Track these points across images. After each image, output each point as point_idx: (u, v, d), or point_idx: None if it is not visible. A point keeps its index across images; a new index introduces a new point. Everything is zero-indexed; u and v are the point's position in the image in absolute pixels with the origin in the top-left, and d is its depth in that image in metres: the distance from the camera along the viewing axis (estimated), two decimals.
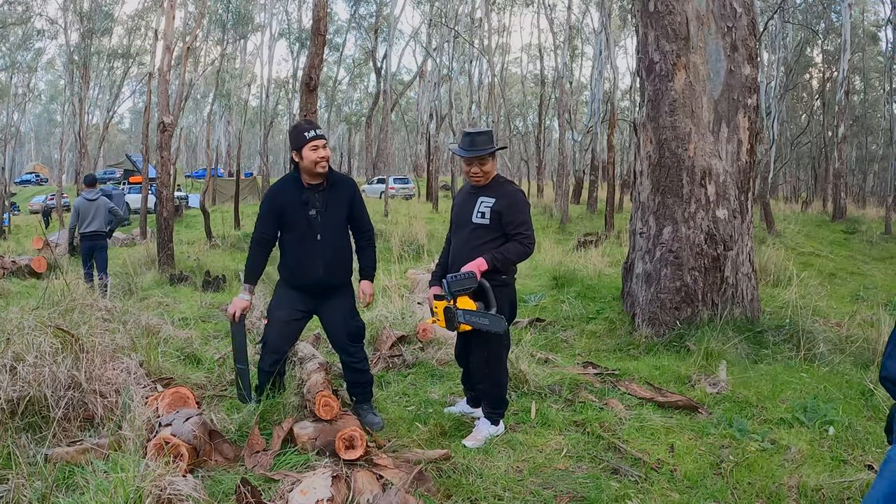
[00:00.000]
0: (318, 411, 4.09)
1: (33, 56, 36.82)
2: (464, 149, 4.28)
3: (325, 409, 4.11)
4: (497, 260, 4.08)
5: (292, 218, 4.37)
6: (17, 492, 3.05)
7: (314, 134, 4.22)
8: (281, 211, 4.38)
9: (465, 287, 3.97)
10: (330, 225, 4.40)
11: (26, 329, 4.58)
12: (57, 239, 18.19)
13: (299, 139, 4.24)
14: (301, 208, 4.33)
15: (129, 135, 71.75)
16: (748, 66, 6.78)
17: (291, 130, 4.38)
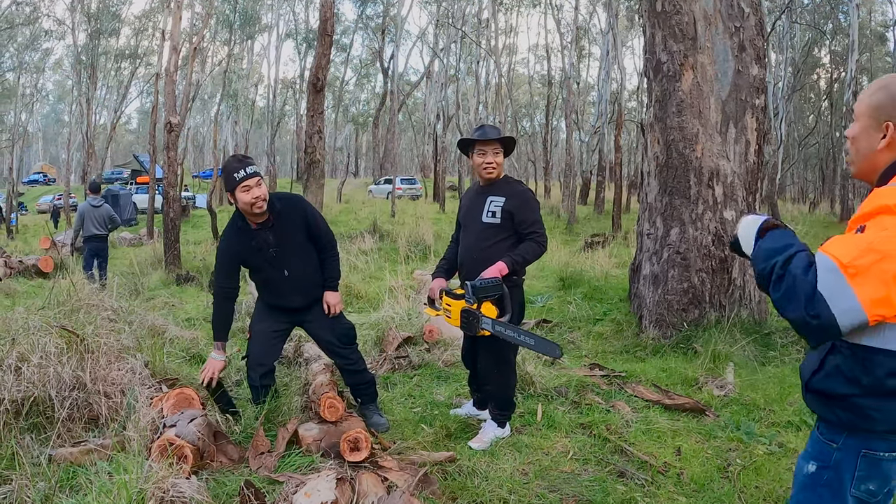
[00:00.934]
0: (322, 413, 4.07)
1: (41, 56, 37.02)
2: (479, 135, 4.29)
3: (330, 410, 4.09)
4: (517, 262, 4.06)
5: (253, 263, 4.32)
6: (21, 492, 3.05)
7: (244, 174, 3.99)
8: (240, 260, 4.31)
9: (492, 294, 3.92)
10: (291, 256, 4.31)
11: (31, 329, 4.58)
12: (64, 239, 18.23)
13: (229, 181, 4.01)
14: (257, 253, 4.23)
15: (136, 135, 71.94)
16: (756, 66, 6.74)
17: (222, 170, 4.20)
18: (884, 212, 1.71)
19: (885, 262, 1.62)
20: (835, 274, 1.64)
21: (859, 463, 1.86)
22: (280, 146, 63.65)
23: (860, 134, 1.95)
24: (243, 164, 4.02)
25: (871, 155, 1.92)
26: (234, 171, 3.98)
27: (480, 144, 4.25)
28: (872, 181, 1.95)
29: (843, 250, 1.65)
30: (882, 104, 1.88)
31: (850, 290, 1.62)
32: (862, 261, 1.63)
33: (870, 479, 1.87)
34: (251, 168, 4.02)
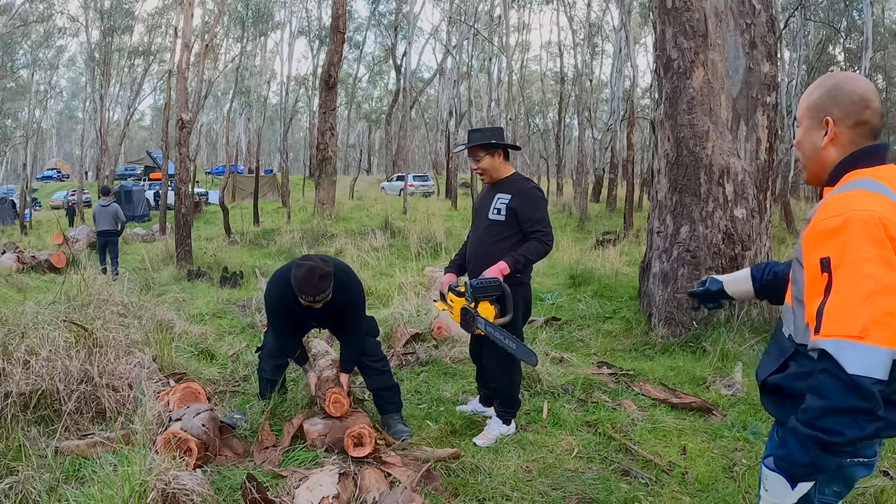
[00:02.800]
0: (327, 408, 4.07)
1: (55, 53, 37.22)
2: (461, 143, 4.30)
3: (335, 405, 4.09)
4: (518, 262, 4.04)
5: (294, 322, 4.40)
6: (27, 483, 3.07)
7: (309, 300, 3.94)
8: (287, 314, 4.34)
9: (490, 294, 3.91)
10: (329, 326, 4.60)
11: (41, 323, 4.62)
12: (76, 235, 18.35)
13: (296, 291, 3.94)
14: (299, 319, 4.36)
15: (149, 131, 72.30)
16: (767, 63, 6.70)
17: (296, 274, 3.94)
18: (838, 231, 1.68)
19: (879, 300, 1.60)
20: (857, 348, 1.60)
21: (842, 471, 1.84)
22: (293, 143, 63.79)
23: (804, 137, 1.97)
24: (317, 290, 3.89)
25: (818, 154, 1.93)
26: (303, 292, 3.90)
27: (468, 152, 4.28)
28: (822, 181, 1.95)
29: (844, 324, 1.62)
30: (819, 101, 1.90)
31: (876, 348, 1.60)
32: (864, 319, 1.60)
33: (834, 482, 1.86)
34: (321, 296, 3.93)
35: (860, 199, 1.71)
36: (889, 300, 1.60)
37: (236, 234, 18.96)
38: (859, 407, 1.59)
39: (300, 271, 3.89)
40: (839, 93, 1.88)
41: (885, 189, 1.75)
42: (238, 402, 4.84)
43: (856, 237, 1.65)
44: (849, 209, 1.69)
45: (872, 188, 1.75)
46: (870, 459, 1.85)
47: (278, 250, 15.67)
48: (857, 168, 1.84)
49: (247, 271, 12.19)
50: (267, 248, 16.66)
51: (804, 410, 1.68)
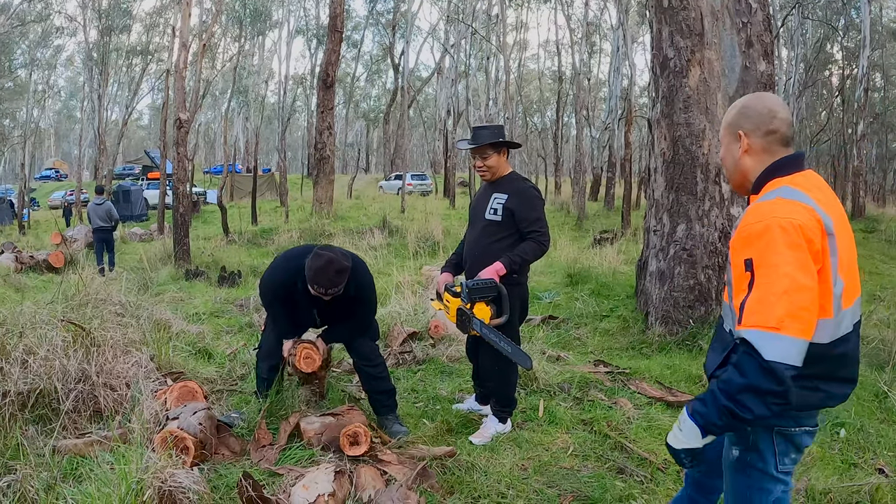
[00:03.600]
0: (298, 363, 4.06)
1: (52, 53, 37.22)
2: (466, 140, 4.29)
3: (307, 361, 4.10)
4: (515, 262, 4.03)
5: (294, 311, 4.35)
6: (25, 482, 3.08)
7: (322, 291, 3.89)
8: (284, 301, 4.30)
9: (486, 295, 3.92)
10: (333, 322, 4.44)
11: (39, 323, 4.63)
12: (74, 234, 18.35)
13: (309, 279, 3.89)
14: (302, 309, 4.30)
15: (147, 131, 72.20)
16: (763, 62, 6.71)
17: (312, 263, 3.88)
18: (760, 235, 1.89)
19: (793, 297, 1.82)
20: (773, 338, 1.81)
21: (775, 439, 2.08)
22: (291, 142, 63.78)
23: (725, 152, 2.24)
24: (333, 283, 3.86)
25: (736, 164, 2.18)
26: (316, 283, 3.85)
27: (471, 151, 4.27)
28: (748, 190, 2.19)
29: (763, 316, 1.83)
30: (733, 119, 2.18)
31: (789, 338, 1.81)
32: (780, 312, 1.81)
33: (788, 451, 2.09)
34: (335, 290, 3.90)
35: (780, 207, 1.92)
36: (803, 297, 1.82)
37: (234, 233, 18.97)
38: (772, 390, 1.81)
39: (318, 261, 3.84)
40: (748, 109, 2.15)
41: (803, 196, 1.96)
42: (235, 400, 4.85)
43: (775, 241, 1.86)
44: (770, 216, 1.90)
45: (792, 196, 1.96)
46: (813, 428, 2.11)
47: (276, 249, 15.67)
48: (778, 177, 2.07)
49: (245, 271, 12.20)
50: (265, 247, 16.68)
51: (725, 382, 1.90)
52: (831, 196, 2.07)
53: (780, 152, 2.11)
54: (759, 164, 2.13)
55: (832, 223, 1.93)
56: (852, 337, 2.04)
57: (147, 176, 38.63)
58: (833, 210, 1.99)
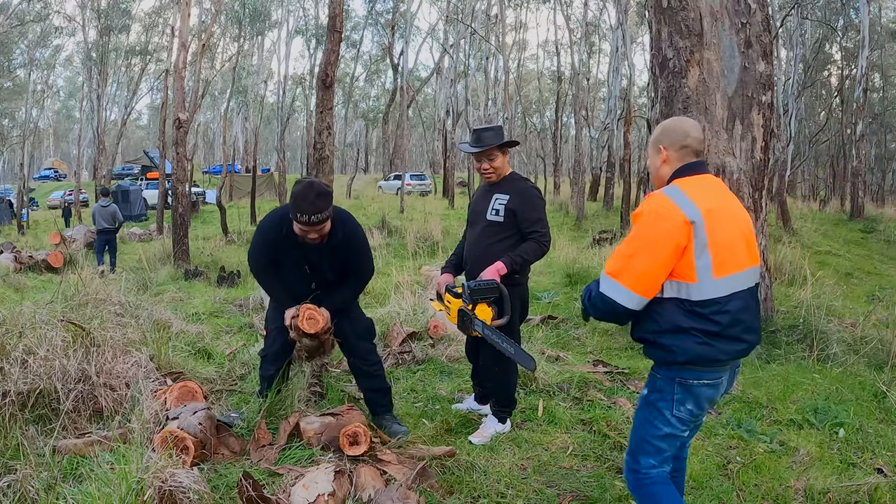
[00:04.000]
0: (300, 324, 3.96)
1: (51, 53, 37.20)
2: (470, 145, 4.27)
3: (310, 322, 3.99)
4: (516, 263, 4.02)
5: (283, 264, 4.17)
6: (25, 482, 3.09)
7: (306, 221, 3.73)
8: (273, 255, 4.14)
9: (487, 296, 3.89)
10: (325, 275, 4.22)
11: (39, 323, 4.64)
12: (74, 234, 18.35)
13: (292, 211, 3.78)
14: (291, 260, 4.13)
15: (146, 131, 72.20)
16: (763, 62, 6.72)
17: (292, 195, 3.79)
18: (638, 214, 2.59)
19: (630, 264, 2.53)
20: (608, 280, 2.59)
21: (675, 388, 2.62)
22: (290, 142, 63.77)
23: (650, 162, 2.85)
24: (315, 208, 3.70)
25: (657, 172, 2.79)
26: (298, 211, 3.71)
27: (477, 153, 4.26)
28: None
29: (614, 264, 2.58)
30: (657, 137, 2.81)
31: (616, 284, 2.56)
32: (618, 266, 2.56)
33: (686, 401, 2.62)
34: (318, 216, 3.73)
35: (657, 200, 2.56)
36: (639, 262, 2.51)
37: (234, 233, 18.98)
38: (599, 308, 2.64)
39: (298, 187, 3.73)
40: (668, 129, 2.77)
41: (679, 194, 2.56)
42: (235, 400, 4.86)
43: (642, 221, 2.55)
44: (648, 204, 2.57)
45: (670, 193, 2.57)
46: (713, 381, 2.62)
47: None
48: (679, 178, 2.68)
49: (244, 271, 12.19)
50: None
51: (591, 287, 2.71)
52: (718, 193, 2.67)
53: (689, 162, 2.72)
54: (672, 170, 2.73)
55: (700, 213, 2.49)
56: (733, 301, 2.56)
57: (146, 176, 38.60)
58: (712, 203, 2.55)
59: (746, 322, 2.60)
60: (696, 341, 2.52)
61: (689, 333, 2.53)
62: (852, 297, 9.54)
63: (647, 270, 2.50)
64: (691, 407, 2.63)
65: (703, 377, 2.59)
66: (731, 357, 2.59)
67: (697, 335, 2.52)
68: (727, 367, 2.66)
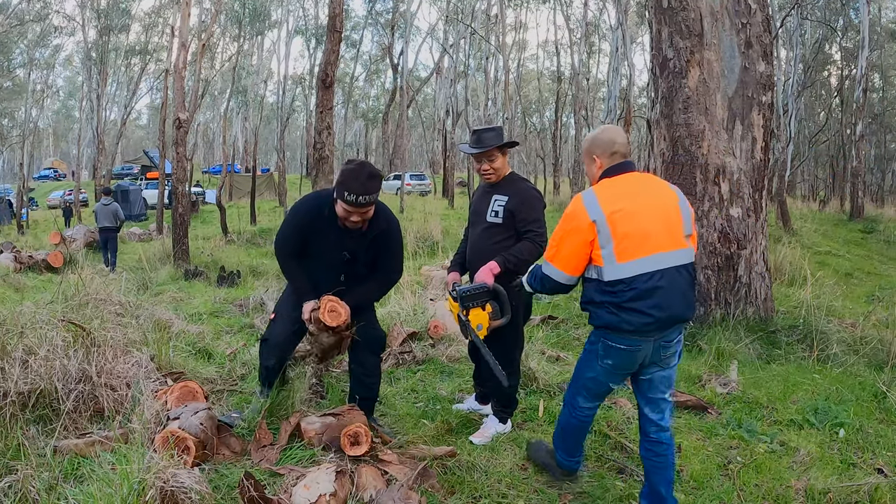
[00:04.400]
0: (323, 316, 3.83)
1: (51, 53, 37.15)
2: (471, 146, 4.26)
3: (332, 315, 3.86)
4: (509, 262, 3.99)
5: (314, 249, 4.02)
6: (26, 482, 3.08)
7: (356, 201, 3.64)
8: (304, 235, 3.98)
9: (477, 300, 3.86)
10: (357, 267, 4.08)
11: (39, 323, 4.63)
12: (73, 234, 18.34)
13: (340, 191, 3.67)
14: (327, 245, 3.96)
15: (146, 131, 72.14)
16: (763, 62, 6.73)
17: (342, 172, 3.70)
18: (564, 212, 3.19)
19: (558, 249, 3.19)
20: (546, 263, 3.27)
21: (602, 345, 3.21)
22: (290, 142, 63.72)
23: (588, 171, 3.39)
24: (365, 189, 3.61)
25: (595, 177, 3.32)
26: (347, 189, 3.62)
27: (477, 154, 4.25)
28: None
29: (549, 250, 3.26)
30: (589, 147, 3.33)
31: (552, 266, 3.22)
32: (551, 252, 3.23)
33: (607, 357, 3.20)
34: (367, 198, 3.65)
35: (575, 204, 3.15)
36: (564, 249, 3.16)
37: (233, 233, 18.98)
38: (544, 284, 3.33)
39: (350, 166, 3.65)
40: (598, 140, 3.29)
41: (590, 197, 3.12)
42: (235, 400, 4.85)
43: (564, 216, 3.17)
44: (571, 205, 3.16)
45: (583, 196, 3.15)
46: (628, 347, 3.12)
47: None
48: (606, 178, 3.23)
49: (244, 270, 12.21)
50: (264, 247, 16.70)
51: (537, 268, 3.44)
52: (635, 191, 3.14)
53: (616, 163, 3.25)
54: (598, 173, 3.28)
55: (603, 214, 3.04)
56: (641, 280, 3.04)
57: (146, 176, 38.60)
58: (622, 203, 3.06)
59: (655, 299, 3.03)
60: (606, 311, 3.10)
61: (602, 305, 3.12)
62: (852, 297, 9.54)
63: (570, 254, 3.14)
64: (611, 362, 3.19)
65: (619, 342, 3.13)
66: (637, 328, 3.06)
67: (608, 307, 3.09)
68: (644, 337, 3.10)
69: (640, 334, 3.07)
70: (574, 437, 3.49)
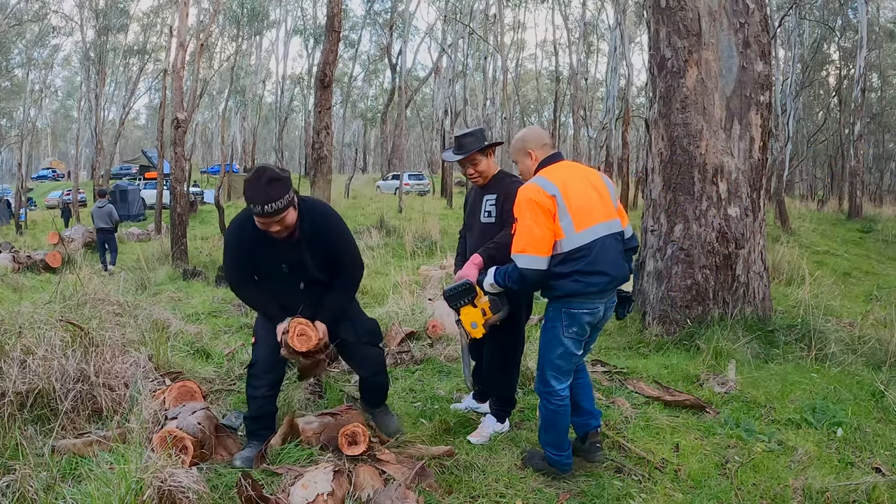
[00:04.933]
0: (292, 341, 3.65)
1: (49, 53, 37.12)
2: (453, 152, 4.26)
3: (301, 339, 3.69)
4: (489, 249, 3.95)
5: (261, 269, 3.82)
6: (24, 482, 3.08)
7: (259, 210, 3.39)
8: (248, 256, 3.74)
9: (463, 298, 3.76)
10: (308, 271, 3.82)
11: (37, 323, 4.63)
12: (72, 234, 18.34)
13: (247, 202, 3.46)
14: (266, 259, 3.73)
15: (145, 131, 72.13)
16: (761, 62, 6.73)
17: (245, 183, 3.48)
18: (517, 204, 3.50)
19: (529, 236, 3.41)
20: (521, 257, 3.45)
21: (563, 316, 3.54)
22: (288, 142, 63.72)
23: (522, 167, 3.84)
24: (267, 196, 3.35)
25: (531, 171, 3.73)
26: (250, 201, 3.41)
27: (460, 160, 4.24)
28: None
29: (518, 244, 3.46)
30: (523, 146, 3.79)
31: (529, 256, 3.43)
32: (522, 242, 3.44)
33: (572, 325, 3.53)
34: (272, 206, 3.37)
35: (528, 188, 3.50)
36: (533, 234, 3.41)
37: None
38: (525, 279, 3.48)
39: (250, 175, 3.39)
40: (529, 137, 3.80)
41: (543, 180, 3.51)
42: (234, 400, 4.86)
43: (523, 206, 3.46)
44: (522, 193, 3.49)
45: (537, 181, 3.53)
46: (590, 311, 3.53)
47: None
48: (543, 168, 3.65)
49: None
50: None
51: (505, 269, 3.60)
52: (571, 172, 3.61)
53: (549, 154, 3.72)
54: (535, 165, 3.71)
55: (557, 189, 3.44)
56: (595, 246, 3.45)
57: (144, 176, 38.58)
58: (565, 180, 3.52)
59: (608, 261, 3.48)
60: (572, 280, 3.43)
61: (568, 276, 3.43)
62: (850, 296, 9.55)
63: (543, 235, 3.40)
64: (576, 329, 3.54)
65: (583, 307, 3.50)
66: (600, 289, 3.47)
67: (574, 275, 3.43)
68: (601, 299, 3.53)
69: (600, 295, 3.51)
70: (557, 427, 3.67)
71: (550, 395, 3.62)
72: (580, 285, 3.43)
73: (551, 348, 3.58)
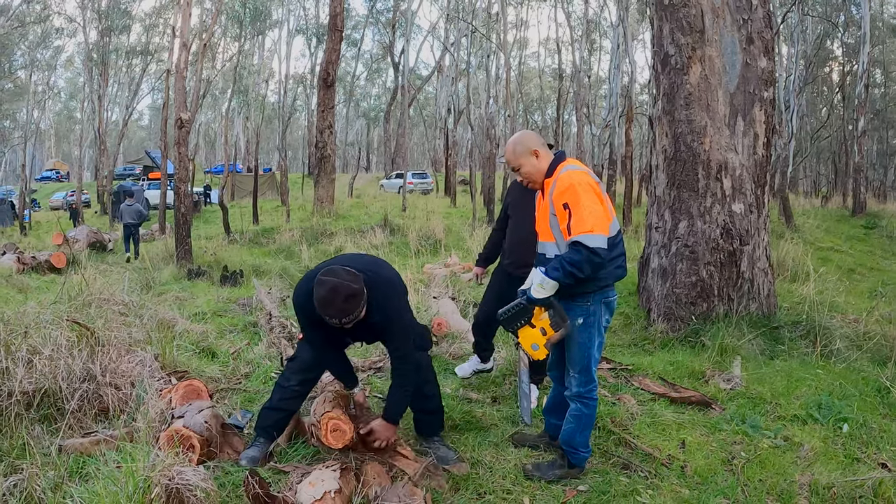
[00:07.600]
0: (325, 438, 3.65)
1: (52, 54, 37.16)
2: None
3: (335, 434, 3.64)
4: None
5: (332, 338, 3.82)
6: (31, 481, 3.09)
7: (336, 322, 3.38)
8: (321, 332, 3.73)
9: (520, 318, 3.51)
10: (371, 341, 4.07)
11: (43, 323, 4.65)
12: (76, 235, 18.38)
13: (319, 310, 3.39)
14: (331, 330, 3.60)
15: (148, 131, 72.24)
16: (764, 58, 6.72)
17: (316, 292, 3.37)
18: (568, 189, 3.40)
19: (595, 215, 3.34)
20: (593, 237, 3.32)
21: (602, 307, 3.55)
22: (291, 141, 63.72)
23: (531, 169, 3.66)
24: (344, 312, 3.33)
25: (539, 170, 3.65)
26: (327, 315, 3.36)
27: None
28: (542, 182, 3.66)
29: (585, 225, 3.32)
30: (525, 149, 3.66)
31: (601, 236, 3.33)
32: (591, 223, 3.33)
33: (606, 312, 3.59)
34: (350, 317, 3.36)
35: (575, 174, 3.45)
36: (598, 212, 3.36)
37: (236, 232, 18.98)
38: (594, 261, 3.33)
39: (322, 290, 3.33)
40: (528, 139, 3.70)
41: (581, 167, 3.52)
42: (240, 399, 4.86)
43: (578, 189, 3.38)
44: (571, 179, 3.43)
45: (577, 168, 3.52)
46: (614, 297, 3.63)
47: (278, 249, 15.69)
48: (561, 162, 3.59)
49: (246, 270, 12.20)
50: (266, 246, 16.68)
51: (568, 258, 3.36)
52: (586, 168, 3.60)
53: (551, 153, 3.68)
54: (546, 162, 3.64)
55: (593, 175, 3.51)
56: (620, 235, 3.58)
57: (148, 176, 38.61)
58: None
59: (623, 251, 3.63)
60: (616, 266, 3.53)
61: (613, 261, 3.49)
62: (855, 293, 9.53)
63: (605, 214, 3.42)
64: (608, 317, 3.62)
65: (613, 294, 3.62)
66: (622, 276, 3.62)
67: (617, 260, 3.53)
68: None
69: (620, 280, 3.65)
70: (591, 424, 3.72)
71: (591, 392, 3.63)
72: (622, 271, 3.56)
73: (592, 343, 3.55)
